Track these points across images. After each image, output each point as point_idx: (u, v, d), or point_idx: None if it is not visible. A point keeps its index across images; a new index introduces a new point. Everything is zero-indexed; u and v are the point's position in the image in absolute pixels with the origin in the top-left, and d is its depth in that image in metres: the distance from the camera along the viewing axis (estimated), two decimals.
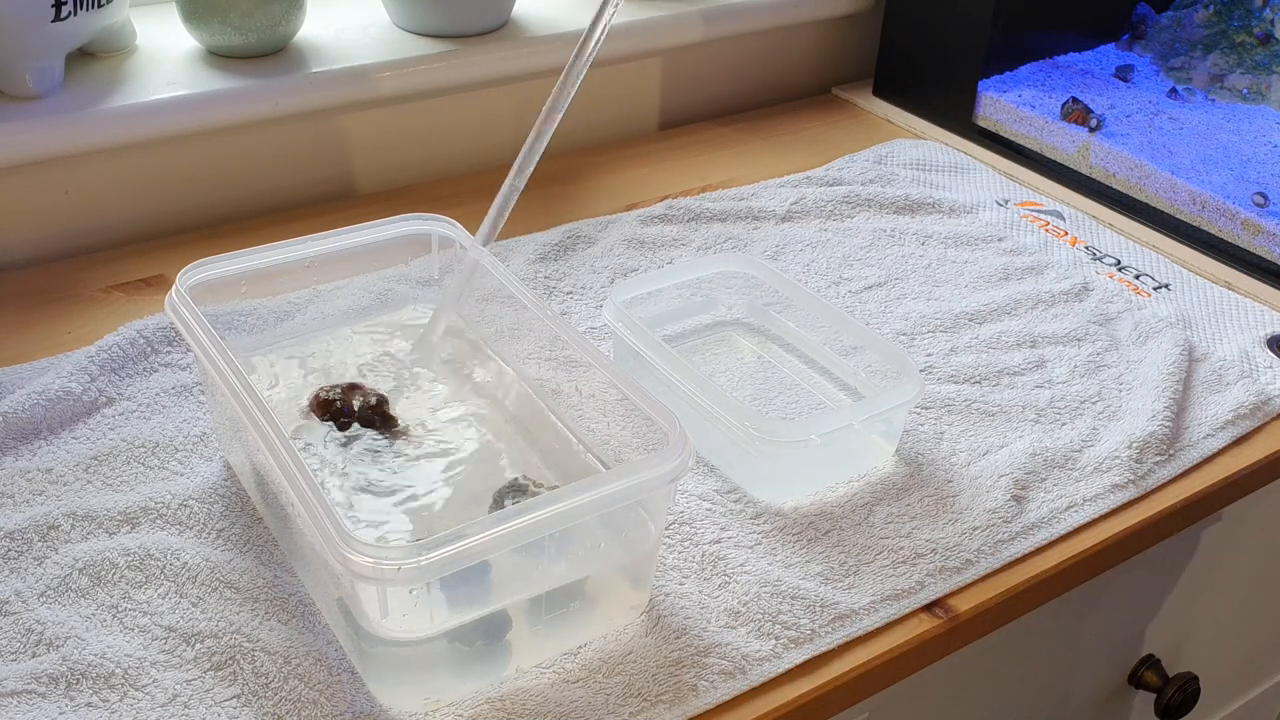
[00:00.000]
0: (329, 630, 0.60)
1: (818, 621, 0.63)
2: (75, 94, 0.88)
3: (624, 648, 0.60)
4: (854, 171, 1.06)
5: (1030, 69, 1.16)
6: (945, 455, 0.74)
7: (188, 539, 0.64)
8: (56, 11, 0.83)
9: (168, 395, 0.74)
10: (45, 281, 0.87)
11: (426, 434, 0.68)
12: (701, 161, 1.08)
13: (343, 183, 1.02)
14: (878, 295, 0.89)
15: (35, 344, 0.79)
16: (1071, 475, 0.73)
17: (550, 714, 0.57)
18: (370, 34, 1.01)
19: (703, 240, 0.94)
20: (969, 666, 0.74)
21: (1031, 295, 0.90)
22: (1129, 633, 0.87)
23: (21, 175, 0.88)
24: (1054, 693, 0.85)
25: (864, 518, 0.69)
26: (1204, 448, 0.77)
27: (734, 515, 0.69)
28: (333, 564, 0.52)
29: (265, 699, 0.56)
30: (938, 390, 0.79)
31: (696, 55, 1.16)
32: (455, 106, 1.04)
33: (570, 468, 0.67)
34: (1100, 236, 1.00)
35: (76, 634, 0.59)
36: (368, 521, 0.62)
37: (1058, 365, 0.83)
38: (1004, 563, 0.68)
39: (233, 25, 0.92)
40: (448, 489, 0.65)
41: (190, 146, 0.93)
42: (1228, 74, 1.12)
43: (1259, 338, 0.87)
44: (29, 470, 0.68)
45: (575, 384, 0.67)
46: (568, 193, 1.03)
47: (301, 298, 0.74)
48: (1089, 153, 1.05)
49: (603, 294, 0.87)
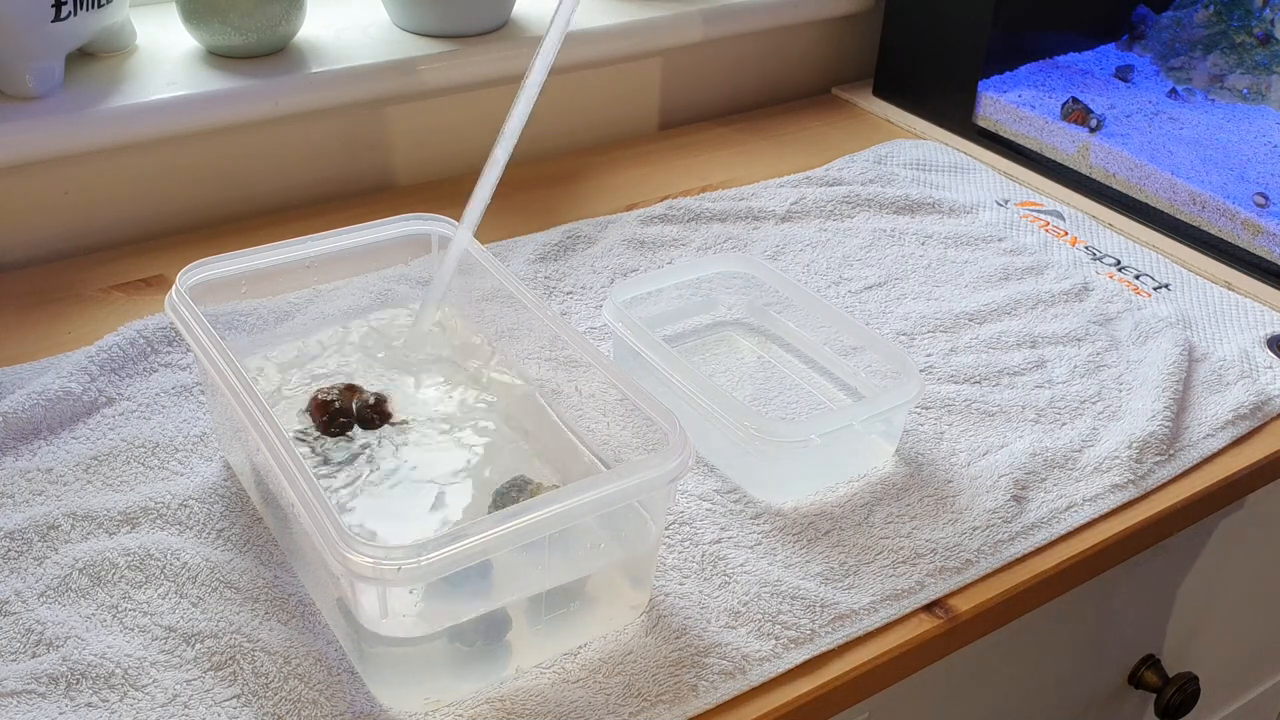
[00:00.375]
0: (329, 630, 0.60)
1: (818, 621, 0.63)
2: (75, 94, 0.88)
3: (624, 648, 0.60)
4: (854, 171, 1.06)
5: (1030, 69, 1.16)
6: (945, 455, 0.74)
7: (188, 539, 0.64)
8: (56, 11, 0.83)
9: (168, 395, 0.74)
10: (45, 281, 0.87)
11: (426, 434, 0.68)
12: (701, 161, 1.08)
13: (342, 183, 1.02)
14: (878, 295, 0.89)
15: (35, 344, 0.79)
16: (1071, 475, 0.73)
17: (550, 714, 0.57)
18: (370, 34, 1.01)
19: (703, 240, 0.94)
20: (969, 666, 0.74)
21: (1031, 295, 0.90)
22: (1129, 633, 0.87)
23: (21, 175, 0.88)
24: (1054, 693, 0.85)
25: (864, 518, 0.69)
26: (1204, 448, 0.77)
27: (734, 515, 0.69)
28: (332, 564, 0.52)
29: (265, 699, 0.56)
30: (938, 390, 0.79)
31: (696, 55, 1.16)
32: (455, 106, 1.04)
33: (570, 468, 0.67)
34: (1100, 236, 1.00)
35: (76, 634, 0.59)
36: (367, 522, 0.63)
37: (1058, 365, 0.83)
38: (1004, 563, 0.68)
39: (233, 25, 0.92)
40: (447, 489, 0.65)
41: (190, 146, 0.93)
42: (1228, 74, 1.12)
43: (1259, 338, 0.87)
44: (29, 470, 0.68)
45: (575, 384, 0.67)
46: (568, 193, 1.03)
47: (301, 298, 0.74)
48: (1089, 153, 1.05)
49: (603, 294, 0.87)
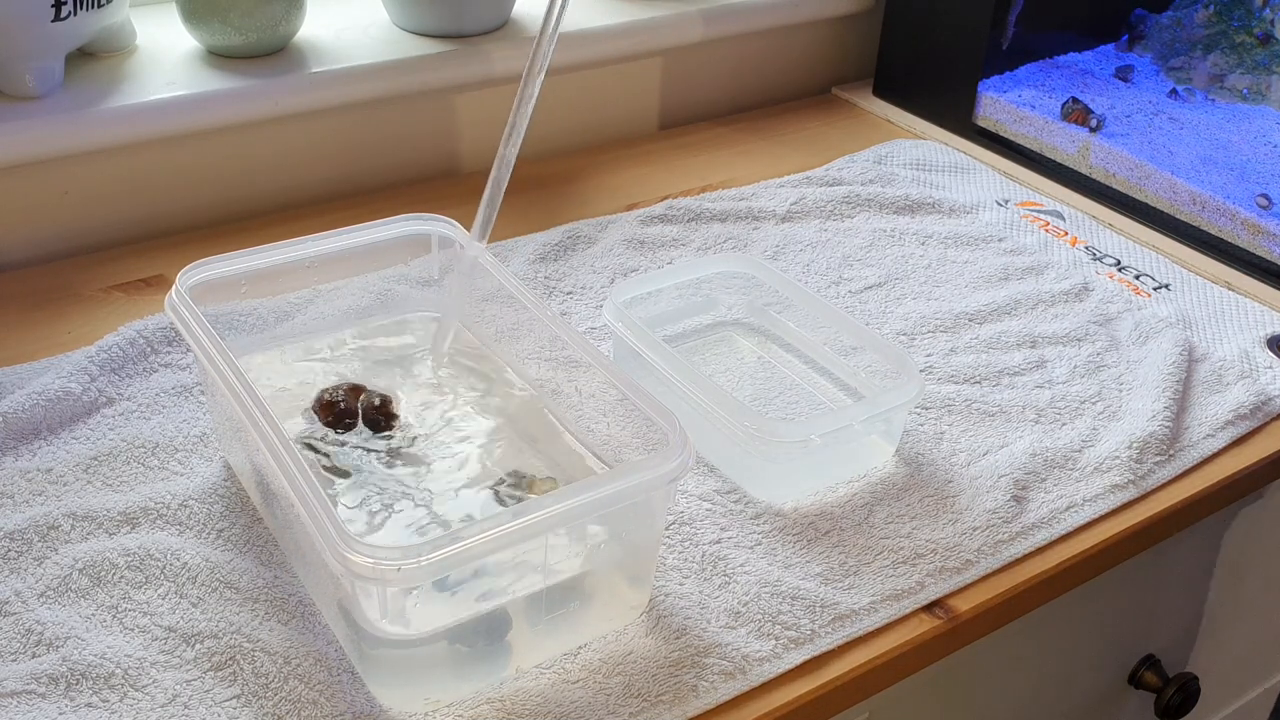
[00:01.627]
0: (329, 630, 0.60)
1: (818, 622, 0.63)
2: (75, 94, 0.88)
3: (624, 648, 0.60)
4: (854, 171, 1.06)
5: (1030, 69, 1.16)
6: (945, 455, 0.74)
7: (188, 539, 0.64)
8: (56, 11, 0.83)
9: (168, 395, 0.74)
10: (45, 281, 0.87)
11: (429, 434, 0.68)
12: (701, 161, 1.08)
13: (342, 182, 1.02)
14: (878, 295, 0.89)
15: (35, 344, 0.79)
16: (1071, 475, 0.73)
17: (550, 714, 0.57)
18: (370, 34, 1.01)
19: (703, 240, 0.94)
20: (969, 666, 0.74)
21: (1031, 295, 0.90)
22: (1129, 633, 0.87)
23: (21, 175, 0.88)
24: (1054, 693, 0.85)
25: (864, 518, 0.69)
26: (1204, 448, 0.77)
27: (734, 515, 0.69)
28: (333, 564, 0.52)
29: (265, 699, 0.56)
30: (938, 390, 0.79)
31: (696, 55, 1.16)
32: (455, 106, 1.04)
33: (570, 468, 0.67)
34: (1100, 236, 1.00)
35: (76, 634, 0.59)
36: (367, 522, 0.63)
37: (1058, 365, 0.83)
38: (1004, 563, 0.68)
39: (233, 25, 0.92)
40: (449, 489, 0.65)
41: (190, 146, 0.93)
42: (1228, 74, 1.12)
43: (1259, 338, 0.87)
44: (29, 470, 0.68)
45: (575, 384, 0.67)
46: (568, 193, 1.03)
47: (301, 298, 0.74)
48: (1089, 153, 1.05)
49: (603, 294, 0.87)
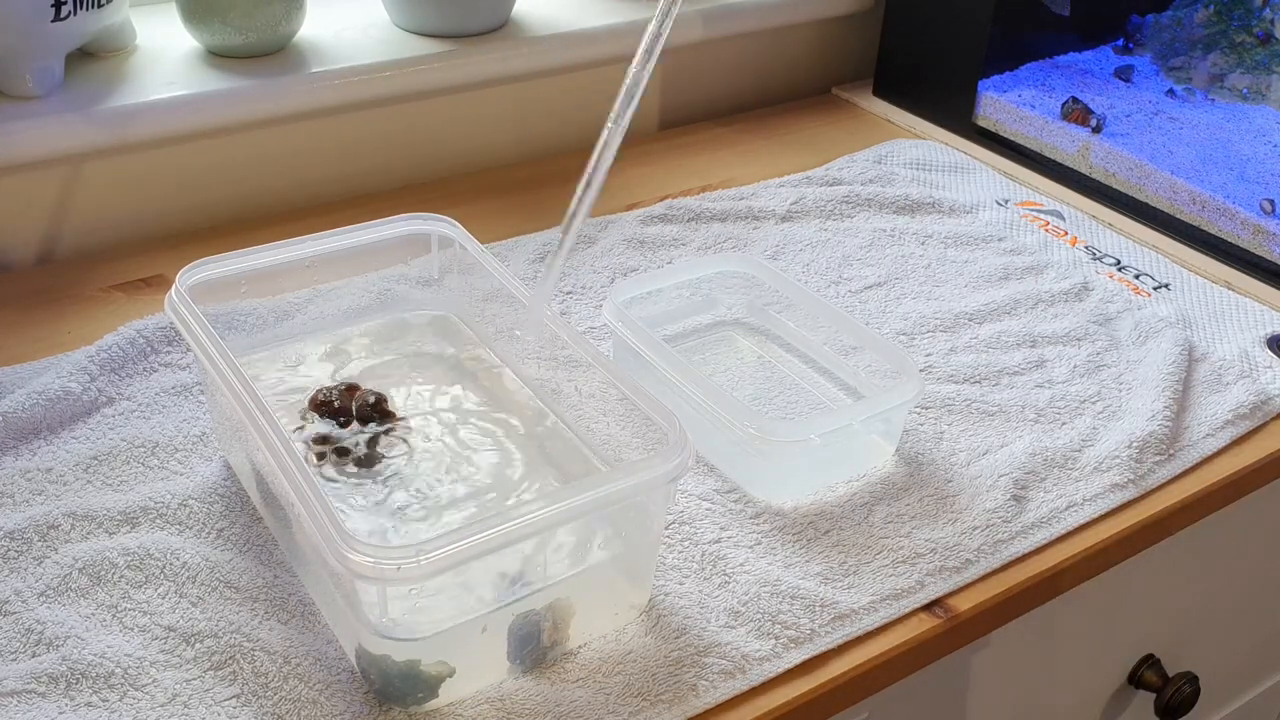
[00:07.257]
0: (329, 630, 0.60)
1: (817, 621, 0.63)
2: (75, 94, 0.88)
3: (624, 647, 0.60)
4: (854, 171, 1.06)
5: (1030, 69, 1.16)
6: (945, 455, 0.74)
7: (187, 539, 0.64)
8: (56, 11, 0.83)
9: (168, 395, 0.74)
10: (45, 281, 0.87)
11: (426, 433, 0.68)
12: (701, 161, 1.08)
13: (342, 183, 1.02)
14: (878, 295, 0.89)
15: (35, 344, 0.79)
16: (1071, 475, 0.73)
17: (550, 713, 0.57)
18: (370, 34, 1.01)
19: (703, 240, 0.94)
20: (969, 666, 0.74)
21: (1031, 295, 0.90)
22: (1129, 633, 0.87)
23: (21, 175, 0.88)
24: (1054, 693, 0.85)
25: (864, 518, 0.69)
26: (1204, 448, 0.77)
27: (734, 515, 0.69)
28: (333, 564, 0.52)
29: (265, 699, 0.56)
30: (938, 390, 0.79)
31: (696, 55, 1.16)
32: (455, 106, 1.04)
33: (570, 468, 0.67)
34: (1100, 236, 1.00)
35: (76, 634, 0.59)
36: (366, 522, 0.63)
37: (1058, 365, 0.83)
38: (1004, 562, 0.68)
39: (233, 25, 0.92)
40: (448, 488, 0.65)
41: (190, 146, 0.93)
42: (1228, 74, 1.12)
43: (1259, 338, 0.87)
44: (29, 470, 0.68)
45: (575, 384, 0.67)
46: (568, 193, 1.03)
47: (301, 298, 0.74)
48: (1089, 153, 1.05)
49: (603, 294, 0.87)
